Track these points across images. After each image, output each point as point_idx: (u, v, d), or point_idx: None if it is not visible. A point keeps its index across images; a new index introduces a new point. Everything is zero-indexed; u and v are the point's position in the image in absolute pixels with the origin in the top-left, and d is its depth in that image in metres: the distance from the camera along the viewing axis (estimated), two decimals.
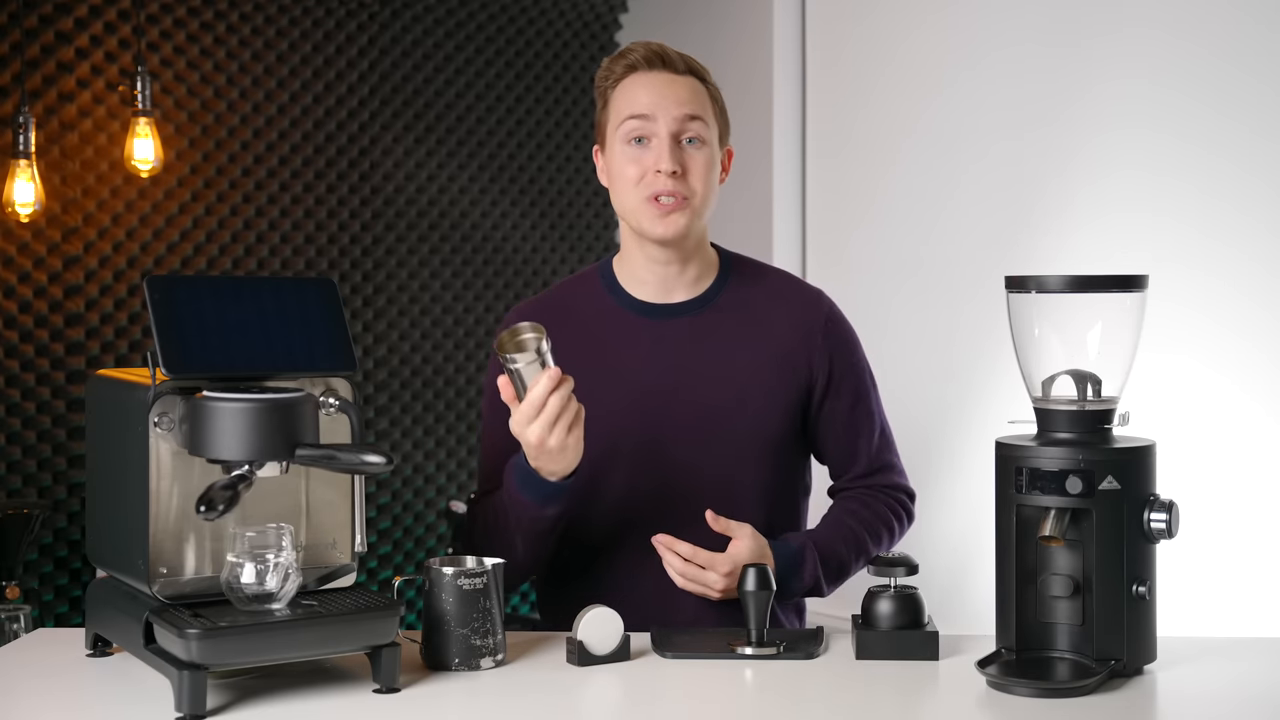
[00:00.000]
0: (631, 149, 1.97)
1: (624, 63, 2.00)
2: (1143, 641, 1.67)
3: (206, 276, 3.57)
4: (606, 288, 2.06)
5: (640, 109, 1.96)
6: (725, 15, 4.16)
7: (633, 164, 1.97)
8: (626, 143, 1.97)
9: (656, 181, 1.95)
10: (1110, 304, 1.72)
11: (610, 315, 2.04)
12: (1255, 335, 3.11)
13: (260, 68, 3.76)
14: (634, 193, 1.97)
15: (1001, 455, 1.70)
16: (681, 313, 2.03)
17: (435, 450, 4.13)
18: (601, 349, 2.02)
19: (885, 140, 3.85)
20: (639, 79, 1.99)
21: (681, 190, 1.95)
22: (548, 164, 4.39)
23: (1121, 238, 3.29)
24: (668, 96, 1.96)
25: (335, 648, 1.61)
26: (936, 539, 3.41)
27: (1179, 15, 3.23)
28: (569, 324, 2.03)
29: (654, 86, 1.97)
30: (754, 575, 1.77)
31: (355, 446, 1.60)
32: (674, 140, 1.96)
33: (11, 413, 3.33)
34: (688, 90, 1.98)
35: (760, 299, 2.07)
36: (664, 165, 1.94)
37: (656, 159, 1.95)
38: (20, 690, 1.69)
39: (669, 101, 1.96)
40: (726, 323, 2.04)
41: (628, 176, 1.97)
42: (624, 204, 1.99)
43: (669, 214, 1.96)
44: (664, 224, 1.96)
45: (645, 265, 2.03)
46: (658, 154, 1.95)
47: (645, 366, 2.00)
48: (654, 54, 1.99)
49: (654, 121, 1.96)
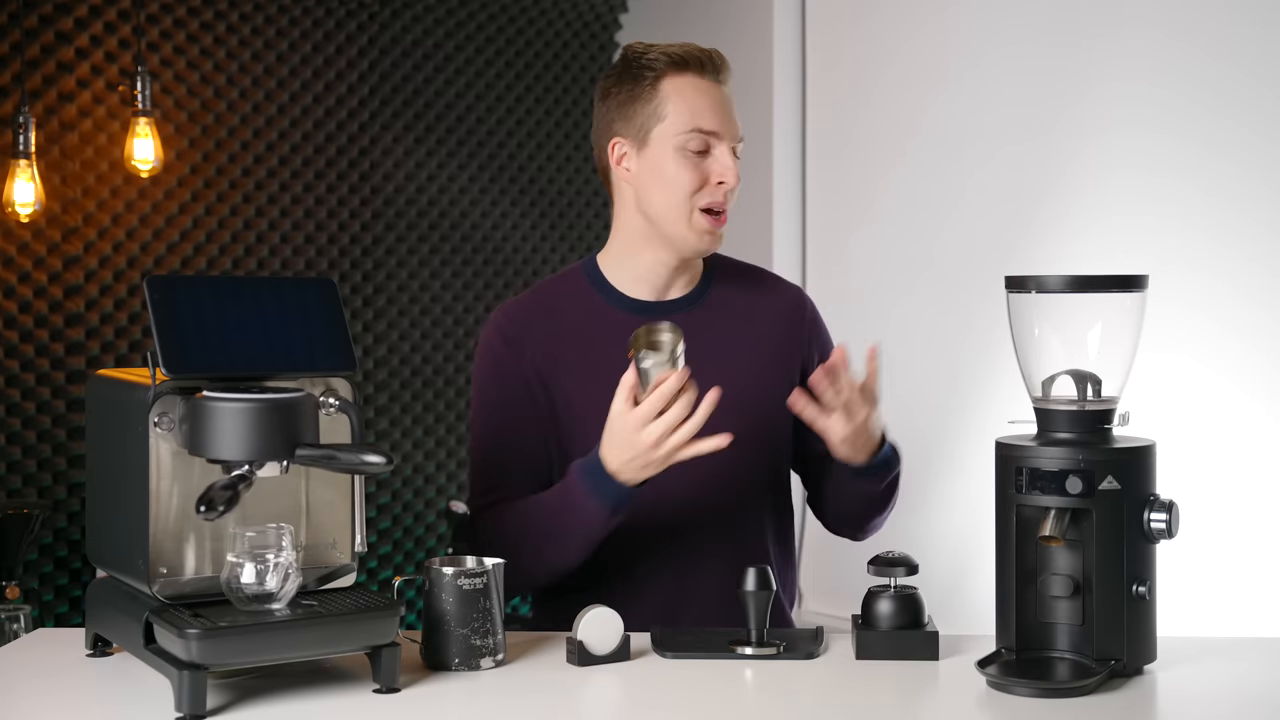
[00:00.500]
0: (690, 157, 1.94)
1: (669, 57, 1.95)
2: (1143, 641, 1.67)
3: (206, 276, 3.57)
4: (593, 286, 2.04)
5: (709, 125, 1.93)
6: (725, 15, 4.16)
7: (693, 171, 1.94)
8: (686, 150, 1.94)
9: (717, 193, 1.94)
10: (1110, 304, 1.72)
11: (599, 314, 2.02)
12: (1255, 335, 3.11)
13: (260, 68, 3.76)
14: (686, 200, 1.94)
15: (1001, 455, 1.70)
16: (673, 310, 2.02)
17: (435, 450, 4.13)
18: (592, 348, 2.00)
19: (885, 141, 3.85)
20: (695, 84, 1.95)
21: (730, 203, 1.97)
22: (548, 164, 4.39)
23: (1121, 238, 3.29)
24: (729, 115, 1.96)
25: (335, 648, 1.61)
26: (936, 539, 3.41)
27: (1179, 17, 3.22)
28: (557, 323, 2.02)
29: (716, 99, 1.95)
30: (754, 575, 1.77)
31: (355, 446, 1.60)
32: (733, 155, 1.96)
33: (11, 413, 3.33)
34: (733, 104, 1.98)
35: (745, 295, 2.08)
36: (730, 179, 1.93)
37: (723, 171, 1.93)
38: (20, 690, 1.69)
39: (730, 119, 1.96)
40: (717, 320, 2.04)
41: (683, 183, 1.94)
42: (668, 209, 1.95)
43: (717, 228, 1.96)
44: (712, 238, 1.97)
45: (651, 267, 2.02)
46: (724, 168, 1.93)
47: None
48: (711, 59, 1.96)
49: (720, 138, 1.94)
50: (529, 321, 2.03)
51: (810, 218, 4.06)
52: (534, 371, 2.00)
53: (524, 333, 2.01)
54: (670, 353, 1.78)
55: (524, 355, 2.00)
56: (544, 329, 2.02)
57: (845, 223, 3.97)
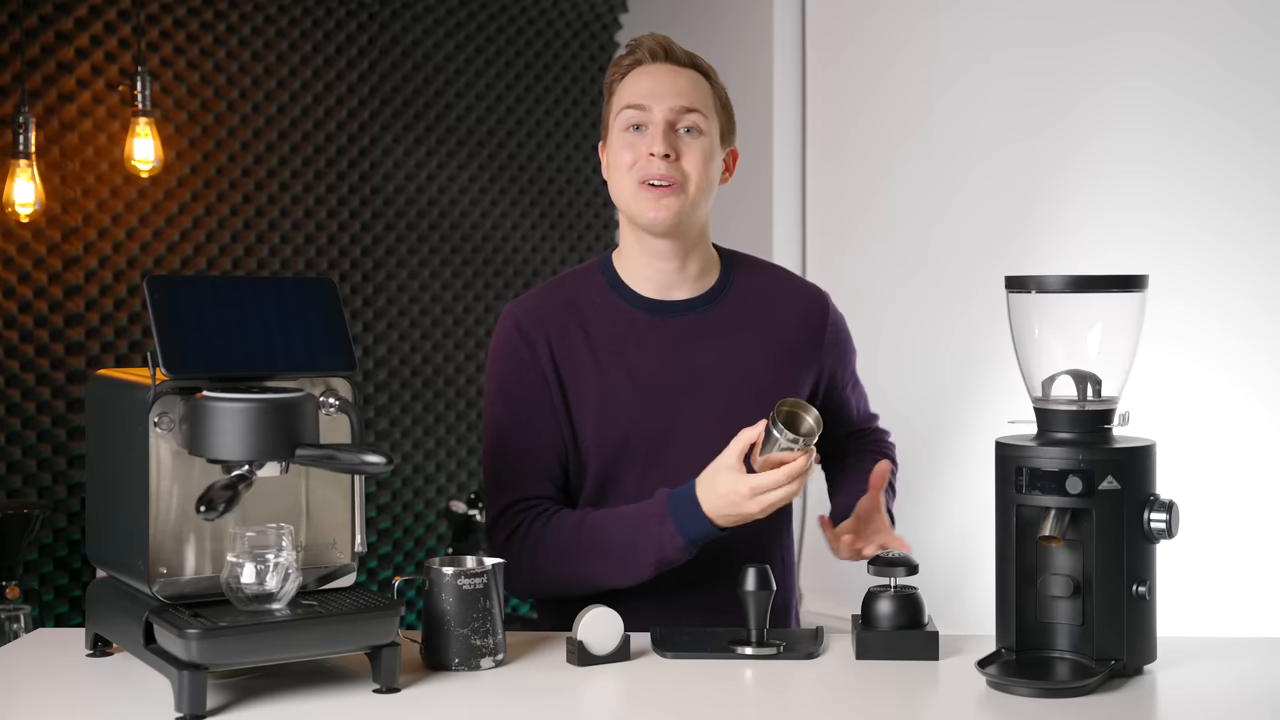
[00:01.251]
0: (628, 135, 1.99)
1: (631, 57, 2.03)
2: (1143, 641, 1.67)
3: (206, 276, 3.57)
4: (609, 284, 2.05)
5: (639, 98, 1.98)
6: (725, 15, 4.16)
7: (628, 149, 1.98)
8: (624, 130, 1.99)
9: (650, 165, 1.96)
10: (1110, 304, 1.72)
11: (615, 312, 2.02)
12: (1255, 336, 3.11)
13: (260, 68, 3.76)
14: (628, 177, 1.98)
15: (1001, 455, 1.70)
16: (688, 310, 2.03)
17: (435, 450, 4.13)
18: (609, 346, 2.00)
19: (885, 141, 3.85)
20: (642, 70, 2.01)
21: (674, 175, 1.96)
22: (548, 164, 4.39)
23: (1121, 238, 3.29)
24: (666, 86, 1.98)
25: (335, 648, 1.61)
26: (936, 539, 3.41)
27: (1179, 18, 3.22)
28: (574, 319, 2.01)
29: (655, 76, 2.00)
30: (754, 575, 1.77)
31: (355, 446, 1.60)
32: (669, 127, 1.97)
33: (11, 413, 3.33)
34: (688, 82, 2.00)
35: (764, 296, 2.07)
36: (656, 148, 1.95)
37: (650, 143, 1.96)
38: (20, 690, 1.69)
39: (667, 91, 1.98)
40: (732, 319, 2.04)
41: (623, 162, 1.99)
42: (619, 191, 2.00)
43: (661, 197, 1.96)
44: (655, 208, 1.96)
45: (646, 261, 2.02)
46: (651, 139, 1.96)
47: (654, 364, 1.99)
48: (659, 46, 2.02)
49: (650, 110, 1.97)
50: (545, 317, 2.02)
51: (810, 218, 4.06)
52: (551, 366, 1.99)
53: (540, 328, 2.00)
54: (807, 440, 1.77)
55: (541, 351, 1.99)
56: (561, 324, 2.01)
57: (845, 223, 3.97)
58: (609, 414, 1.97)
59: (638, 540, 1.88)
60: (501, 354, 2.03)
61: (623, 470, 1.97)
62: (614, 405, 1.97)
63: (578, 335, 2.00)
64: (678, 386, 1.99)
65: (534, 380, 1.99)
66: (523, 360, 2.00)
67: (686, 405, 1.98)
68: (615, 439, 1.96)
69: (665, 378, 1.99)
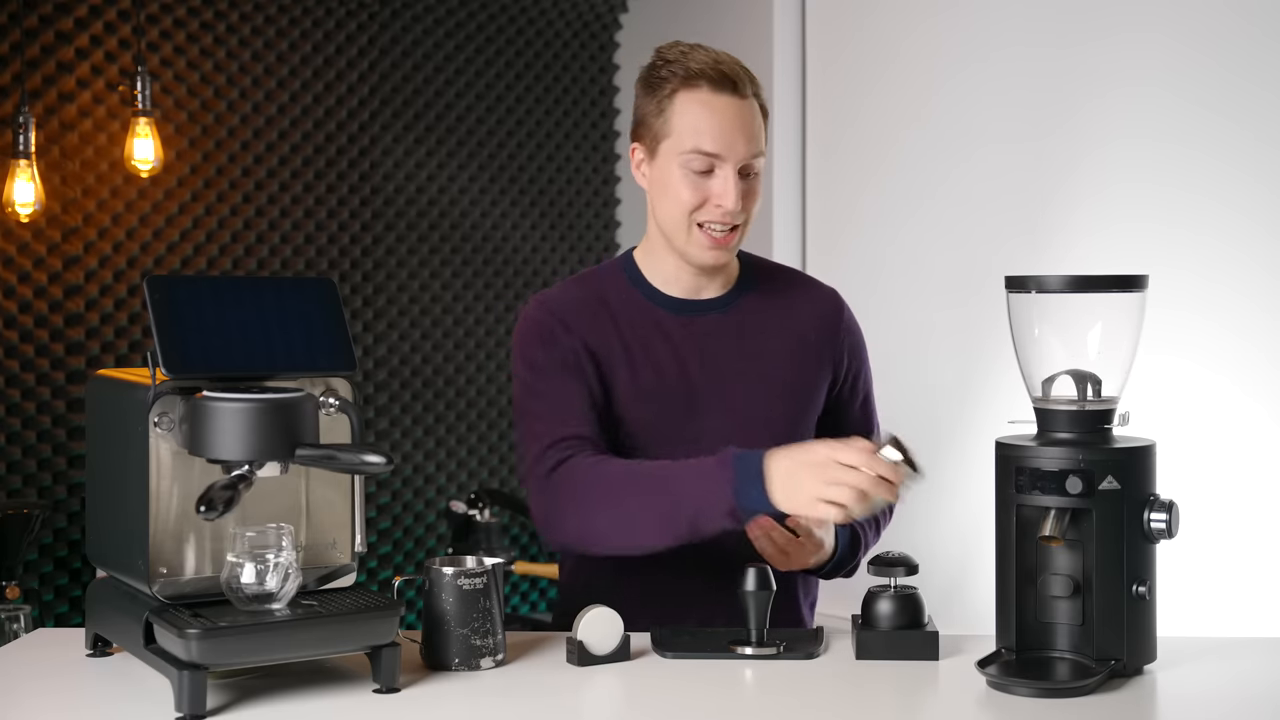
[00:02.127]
0: (692, 175, 1.92)
1: (687, 69, 1.92)
2: (1143, 641, 1.67)
3: (206, 276, 3.57)
4: (632, 282, 2.03)
5: (710, 148, 1.90)
6: (725, 15, 4.16)
7: (692, 190, 1.92)
8: (685, 168, 1.92)
9: (715, 214, 1.92)
10: (1110, 304, 1.72)
11: (642, 309, 2.01)
12: (1255, 336, 3.11)
13: (260, 68, 3.76)
14: (684, 215, 1.93)
15: (1001, 455, 1.70)
16: (710, 309, 2.03)
17: (435, 450, 4.13)
18: (638, 341, 1.99)
19: (885, 140, 3.85)
20: (707, 101, 1.91)
21: (737, 220, 1.94)
22: (548, 164, 4.39)
23: (1121, 238, 3.29)
24: (739, 133, 1.91)
25: (335, 648, 1.61)
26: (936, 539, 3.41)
27: (1180, 21, 3.22)
28: (605, 313, 1.99)
29: (725, 118, 1.91)
30: (754, 575, 1.77)
31: (355, 446, 1.60)
32: (740, 176, 1.93)
33: (11, 413, 3.33)
34: (752, 121, 1.93)
35: (782, 297, 2.08)
36: (729, 203, 1.91)
37: (721, 195, 1.91)
38: (20, 690, 1.69)
39: (739, 139, 1.91)
40: (754, 320, 2.04)
41: (683, 200, 1.92)
42: (670, 222, 1.95)
43: (720, 245, 1.94)
44: (713, 254, 1.95)
45: (675, 271, 2.01)
46: (723, 191, 1.91)
47: (681, 362, 1.99)
48: (724, 75, 1.92)
49: (724, 160, 1.91)
50: (575, 308, 1.98)
51: (810, 218, 4.06)
52: (585, 350, 1.95)
53: (571, 316, 1.97)
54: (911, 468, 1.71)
55: (576, 331, 1.96)
56: (590, 316, 1.98)
57: (845, 223, 3.97)
58: (636, 408, 1.96)
59: (688, 486, 1.77)
60: (530, 334, 1.96)
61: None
62: (641, 400, 1.96)
63: (608, 327, 1.98)
64: (703, 385, 1.99)
65: (567, 352, 1.94)
66: (555, 337, 1.94)
67: (711, 403, 1.98)
68: (639, 434, 1.96)
69: (691, 375, 1.99)
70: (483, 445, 4.23)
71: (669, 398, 1.97)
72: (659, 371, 1.98)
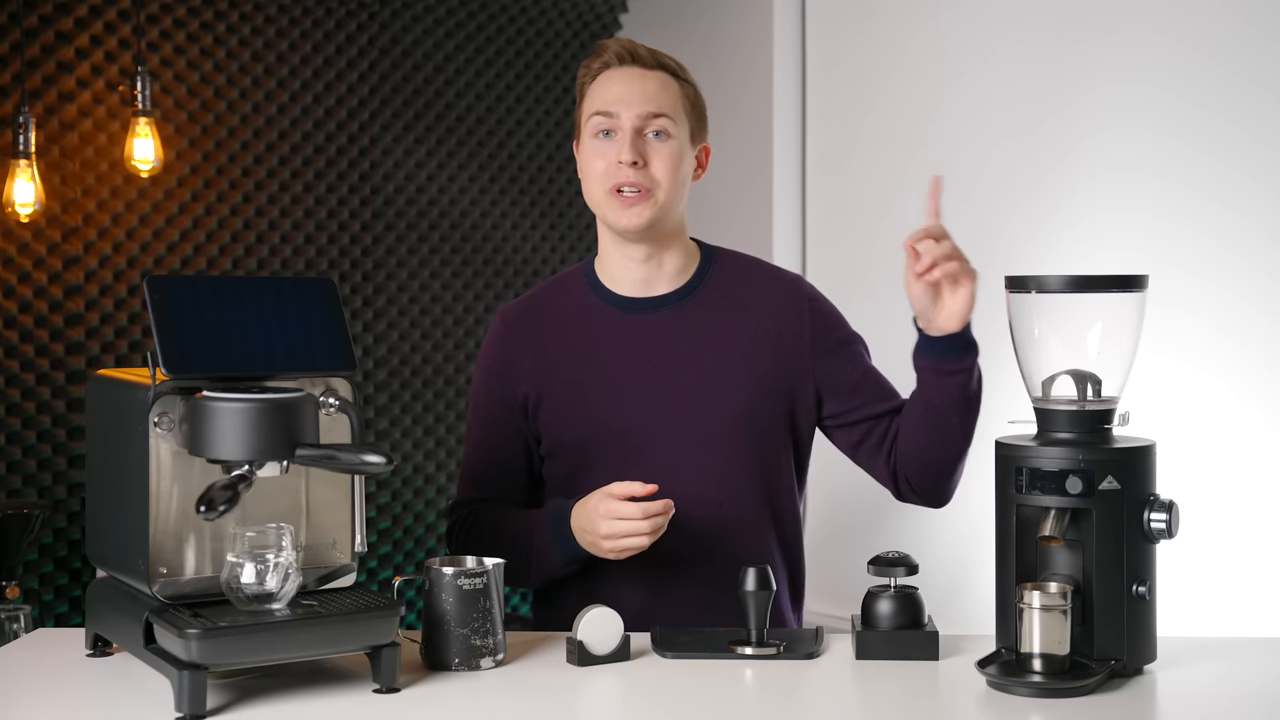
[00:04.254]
0: (598, 142, 2.02)
1: (599, 60, 2.05)
2: (1143, 641, 1.67)
3: (206, 276, 3.57)
4: (589, 286, 2.09)
5: (606, 105, 2.00)
6: (725, 16, 4.16)
7: (598, 157, 2.01)
8: (593, 137, 2.02)
9: (619, 173, 1.98)
10: (1110, 304, 1.72)
11: (594, 312, 2.06)
12: (1254, 337, 3.11)
13: (260, 68, 3.76)
14: (599, 184, 2.01)
15: (1001, 455, 1.70)
16: (663, 305, 2.05)
17: (435, 450, 4.13)
18: (586, 346, 2.04)
19: (885, 141, 3.85)
20: (610, 75, 2.03)
21: (643, 181, 1.98)
22: (547, 164, 4.39)
23: (1122, 240, 3.29)
24: (634, 92, 2.00)
25: (335, 648, 1.61)
26: (936, 539, 3.41)
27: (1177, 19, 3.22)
28: (554, 323, 2.07)
29: (622, 82, 2.01)
30: (754, 575, 1.77)
31: (355, 446, 1.60)
32: (637, 134, 1.99)
33: (11, 413, 3.33)
34: (655, 85, 2.01)
35: (741, 288, 2.08)
36: (624, 156, 1.98)
37: (618, 151, 1.99)
38: (20, 690, 1.69)
39: (634, 97, 2.00)
40: (708, 313, 2.05)
41: (594, 169, 2.02)
42: (592, 196, 2.05)
43: (632, 205, 1.99)
44: (627, 215, 1.99)
45: (622, 262, 2.06)
46: (619, 146, 1.99)
47: (629, 361, 2.02)
48: (625, 50, 2.03)
49: (618, 117, 1.99)
50: (526, 322, 2.09)
51: (810, 218, 4.06)
52: (526, 377, 2.05)
53: (520, 334, 2.08)
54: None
55: (517, 360, 2.06)
56: (540, 329, 2.07)
57: (845, 223, 3.97)
58: (581, 413, 2.01)
59: (526, 542, 1.97)
60: (485, 357, 2.12)
61: (595, 467, 1.98)
62: (586, 404, 2.01)
63: (557, 337, 2.05)
64: (649, 382, 2.01)
65: (502, 388, 2.07)
66: (499, 370, 2.08)
67: (658, 401, 2.00)
68: (588, 437, 2.00)
69: (637, 374, 2.01)
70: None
71: (614, 399, 2.01)
72: (604, 373, 2.02)
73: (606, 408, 2.00)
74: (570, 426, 2.02)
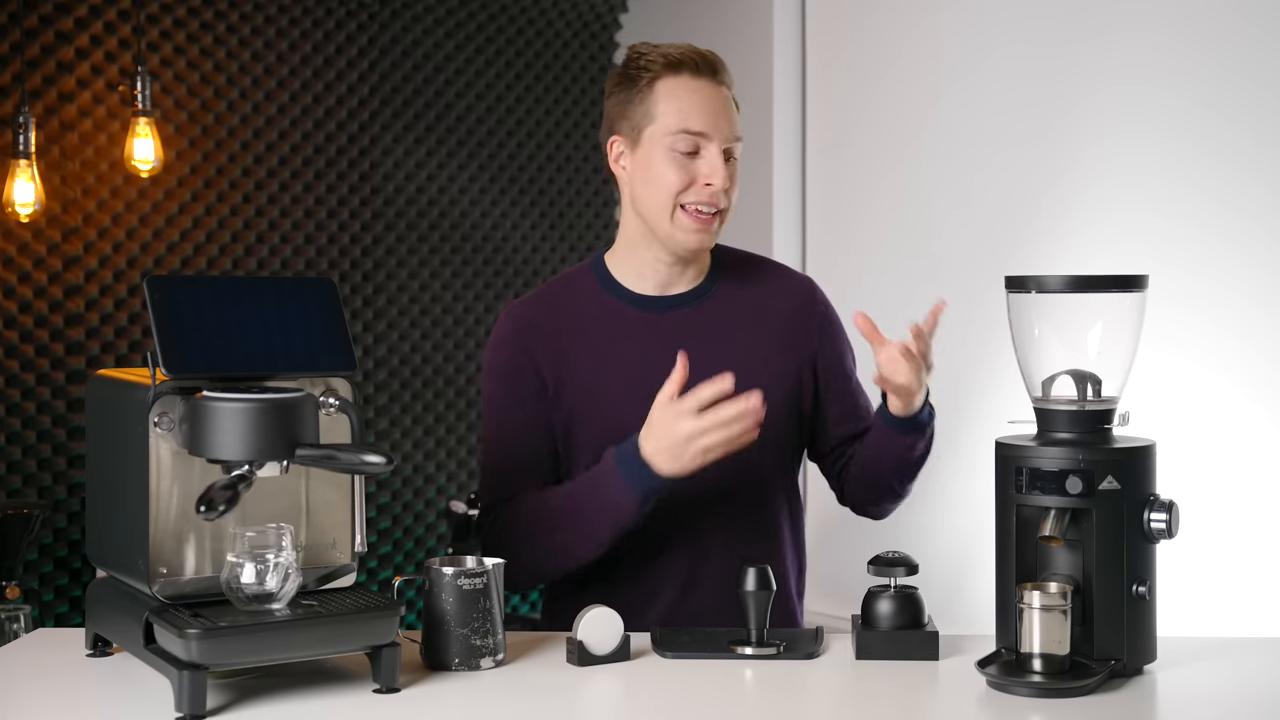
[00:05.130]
0: (679, 157, 1.95)
1: (665, 59, 1.97)
2: (1143, 641, 1.67)
3: (206, 276, 3.57)
4: (602, 284, 2.06)
5: (697, 126, 1.94)
6: (725, 15, 4.16)
7: (678, 171, 1.95)
8: (672, 150, 1.95)
9: (704, 194, 1.95)
10: (1110, 304, 1.72)
11: (610, 311, 2.04)
12: (1255, 336, 3.11)
13: (260, 68, 3.76)
14: (670, 198, 1.96)
15: (1001, 455, 1.70)
16: (679, 305, 2.04)
17: (435, 450, 4.13)
18: (603, 344, 2.02)
19: (885, 140, 3.85)
20: (690, 85, 1.96)
21: (721, 203, 1.97)
22: (548, 164, 4.39)
23: (1122, 238, 3.29)
24: (722, 116, 1.96)
25: (335, 648, 1.61)
26: (937, 539, 3.41)
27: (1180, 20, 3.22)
28: (567, 320, 2.04)
29: (707, 98, 1.96)
30: (754, 575, 1.77)
31: (355, 446, 1.60)
32: (726, 157, 1.97)
33: (11, 413, 3.33)
34: (732, 107, 1.99)
35: (754, 288, 2.08)
36: (718, 181, 1.94)
37: (710, 174, 1.94)
38: (20, 690, 1.69)
39: (723, 121, 1.96)
40: (726, 313, 2.05)
41: (669, 182, 1.95)
42: (655, 207, 1.97)
43: (708, 226, 1.97)
44: (700, 236, 1.97)
45: (651, 264, 2.03)
46: (711, 169, 1.94)
47: (649, 361, 2.00)
48: (705, 60, 1.97)
49: (709, 139, 1.95)
50: (539, 319, 2.04)
51: (810, 218, 4.06)
52: (545, 370, 2.01)
53: (534, 330, 2.03)
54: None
55: (534, 353, 2.01)
56: (554, 326, 2.03)
57: (845, 223, 3.97)
58: (604, 411, 1.98)
59: (590, 502, 1.90)
60: (497, 357, 2.05)
61: None
62: (608, 402, 1.98)
63: (573, 335, 2.02)
64: None
65: (525, 384, 2.01)
66: (516, 364, 2.02)
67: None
68: (611, 435, 1.97)
69: (658, 372, 1.99)
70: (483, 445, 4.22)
71: (636, 396, 1.98)
72: (625, 371, 2.00)
73: (629, 404, 1.97)
74: (590, 423, 1.99)
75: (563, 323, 2.03)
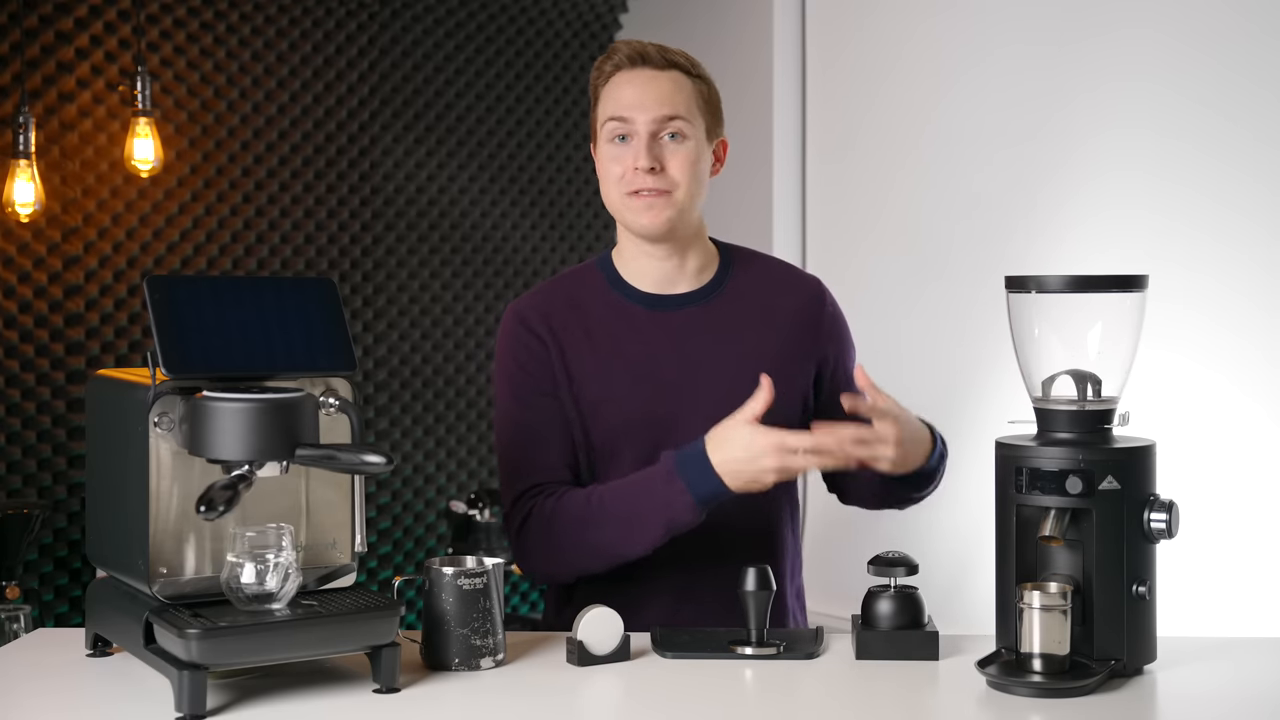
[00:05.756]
0: (614, 147, 2.01)
1: (611, 62, 2.04)
2: (1143, 641, 1.67)
3: (206, 276, 3.57)
4: (609, 282, 2.07)
5: (620, 110, 2.00)
6: (725, 15, 4.16)
7: (615, 162, 2.01)
8: (610, 141, 2.02)
9: (636, 178, 1.98)
10: (1110, 304, 1.72)
11: (617, 308, 2.04)
12: (1255, 336, 3.11)
13: (260, 68, 3.76)
14: (616, 189, 2.01)
15: (1001, 455, 1.70)
16: (687, 303, 2.05)
17: (435, 450, 4.13)
18: (612, 341, 2.02)
19: (885, 140, 3.85)
20: (623, 78, 2.02)
21: (661, 185, 1.98)
22: (548, 164, 4.39)
23: (1122, 239, 3.29)
24: (648, 95, 1.99)
25: (335, 648, 1.61)
26: (936, 539, 3.41)
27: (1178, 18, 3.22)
28: (576, 315, 2.04)
29: (636, 85, 2.00)
30: (754, 575, 1.77)
31: (355, 446, 1.60)
32: (652, 138, 1.98)
33: (11, 413, 3.33)
34: (669, 86, 2.01)
35: (762, 287, 2.09)
36: (640, 162, 1.98)
37: (635, 156, 1.98)
38: (20, 690, 1.69)
39: (649, 100, 1.99)
40: (732, 312, 2.05)
41: (611, 173, 2.01)
42: (610, 200, 2.04)
43: (650, 207, 1.99)
44: (647, 215, 1.99)
45: (644, 261, 2.05)
46: (636, 151, 1.98)
47: (655, 358, 2.00)
48: (636, 52, 2.02)
49: (633, 122, 1.99)
50: (548, 313, 2.04)
51: (810, 218, 4.06)
52: (557, 359, 2.01)
53: (546, 323, 2.03)
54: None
55: (548, 342, 2.02)
56: (564, 320, 2.03)
57: (845, 223, 3.97)
58: (610, 408, 1.99)
59: (646, 502, 1.89)
60: (508, 348, 2.05)
61: (625, 464, 1.98)
62: (615, 399, 1.98)
63: (579, 331, 2.02)
64: (679, 378, 2.00)
65: (541, 369, 2.01)
66: (530, 352, 2.02)
67: (687, 396, 1.99)
68: (617, 432, 1.97)
69: (666, 370, 2.00)
70: (483, 445, 4.23)
71: (643, 394, 1.99)
72: (632, 369, 2.00)
73: (638, 401, 1.99)
74: (600, 419, 2.00)
75: (569, 316, 2.03)
